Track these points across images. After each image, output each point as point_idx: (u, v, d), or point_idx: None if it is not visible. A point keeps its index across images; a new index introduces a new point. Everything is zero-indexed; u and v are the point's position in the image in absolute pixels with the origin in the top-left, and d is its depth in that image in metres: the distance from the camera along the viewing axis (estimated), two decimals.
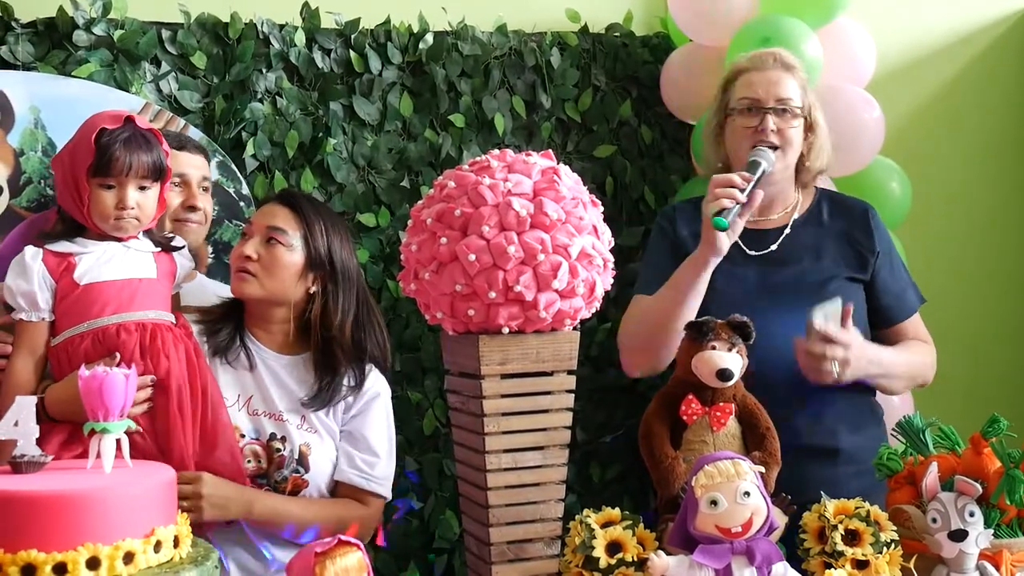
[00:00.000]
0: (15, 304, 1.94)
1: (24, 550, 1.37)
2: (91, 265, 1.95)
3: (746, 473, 1.66)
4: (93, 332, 1.92)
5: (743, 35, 2.84)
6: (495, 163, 1.82)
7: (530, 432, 1.82)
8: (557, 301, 1.77)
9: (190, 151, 2.29)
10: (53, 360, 1.96)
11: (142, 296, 1.97)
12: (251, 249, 2.08)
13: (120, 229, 1.97)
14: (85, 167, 1.91)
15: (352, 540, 1.47)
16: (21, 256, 1.95)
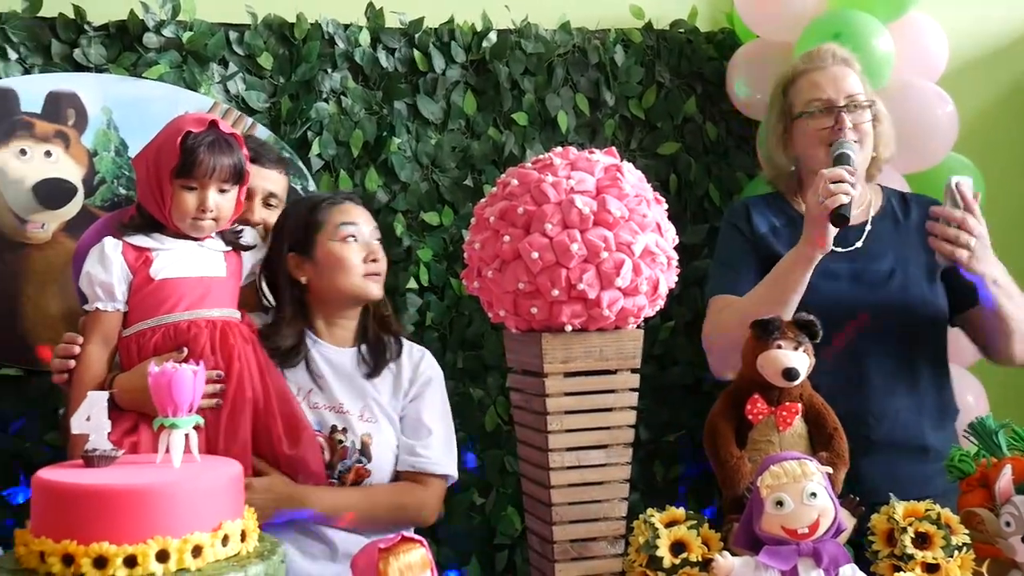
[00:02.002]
0: (91, 293, 1.98)
1: (96, 542, 1.39)
2: (167, 261, 1.99)
3: (813, 474, 1.64)
4: (164, 327, 1.96)
5: (812, 31, 2.80)
6: (558, 161, 1.81)
7: (593, 430, 1.81)
8: (620, 299, 1.76)
9: (263, 164, 2.30)
10: (123, 351, 2.00)
11: (213, 294, 2.01)
12: (380, 253, 2.17)
13: (198, 230, 2.01)
14: (169, 168, 1.95)
15: (415, 537, 1.48)
16: (101, 246, 1.99)
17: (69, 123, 2.54)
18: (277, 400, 2.01)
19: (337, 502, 2.07)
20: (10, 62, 2.49)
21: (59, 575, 1.40)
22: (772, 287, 2.21)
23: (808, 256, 2.14)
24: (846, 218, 2.07)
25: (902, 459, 2.17)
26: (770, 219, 2.39)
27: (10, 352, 2.47)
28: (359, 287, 2.14)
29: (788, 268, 2.18)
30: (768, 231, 2.36)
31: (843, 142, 2.23)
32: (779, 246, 2.33)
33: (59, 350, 2.03)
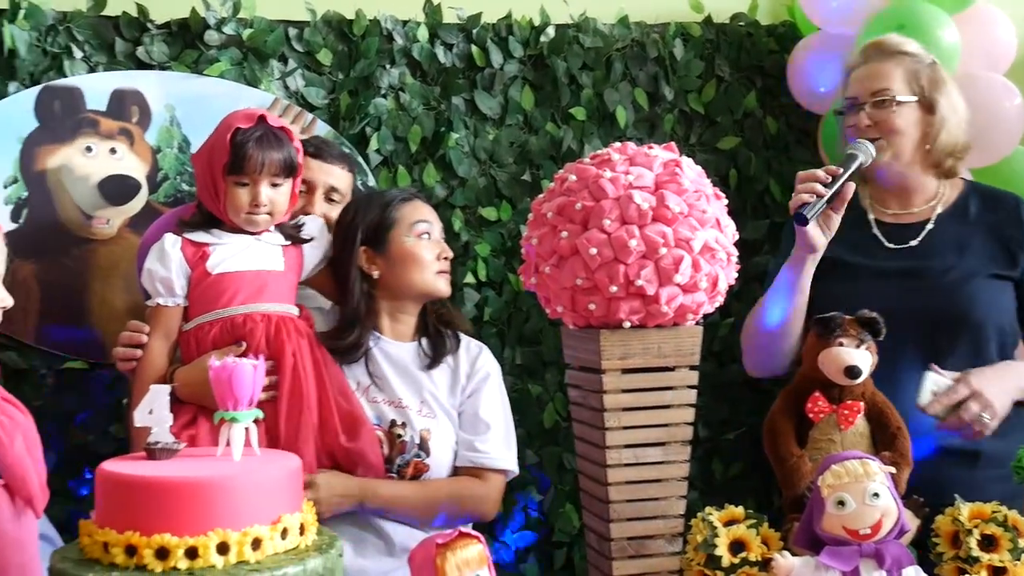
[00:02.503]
0: (152, 289, 2.02)
1: (158, 534, 1.41)
2: (224, 256, 2.02)
3: (875, 473, 1.61)
4: (222, 320, 1.99)
5: (875, 23, 2.75)
6: (616, 156, 1.81)
7: (651, 428, 1.80)
8: (679, 295, 1.75)
9: (325, 159, 2.31)
10: (183, 344, 2.03)
11: (270, 288, 2.03)
12: (449, 251, 2.21)
13: (252, 224, 2.03)
14: (221, 165, 1.98)
15: (473, 532, 1.48)
16: (161, 242, 2.02)
17: (133, 120, 2.58)
18: (335, 394, 2.03)
19: (397, 495, 2.08)
20: (76, 60, 2.54)
21: (122, 565, 1.42)
22: (772, 289, 2.23)
23: (797, 258, 2.15)
24: (805, 219, 2.04)
25: (950, 464, 2.12)
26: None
27: (76, 345, 2.52)
28: (431, 283, 2.17)
29: (784, 271, 2.19)
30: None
31: (859, 143, 2.21)
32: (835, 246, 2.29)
33: (124, 339, 2.06)
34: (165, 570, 1.40)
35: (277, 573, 1.43)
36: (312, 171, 2.26)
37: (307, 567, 1.47)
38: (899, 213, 2.31)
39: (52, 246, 2.51)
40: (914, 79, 2.27)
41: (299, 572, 1.45)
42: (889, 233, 2.29)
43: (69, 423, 2.51)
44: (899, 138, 2.25)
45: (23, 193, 2.49)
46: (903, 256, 2.28)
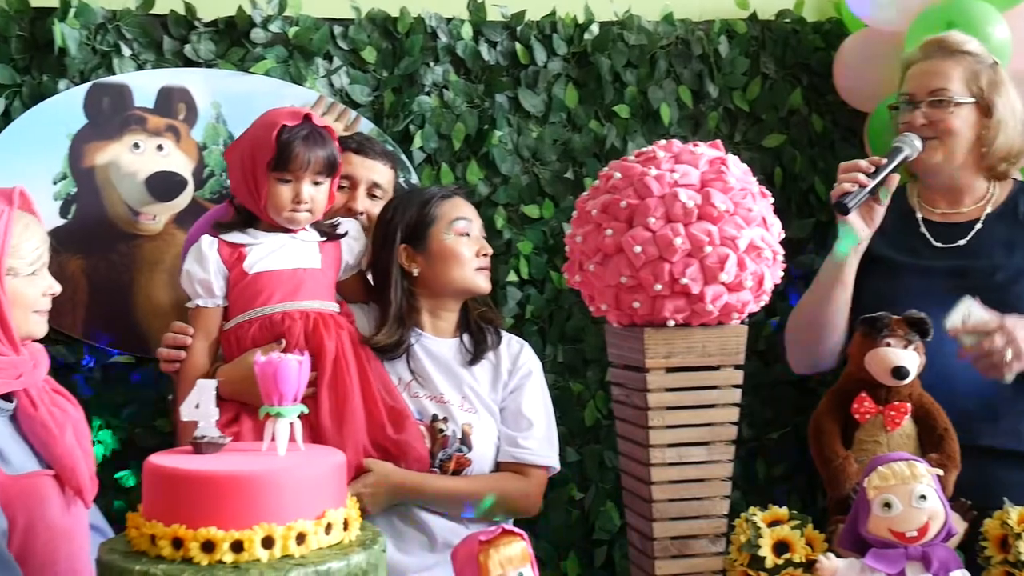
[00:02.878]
0: (192, 291, 2.05)
1: (204, 527, 1.43)
2: (260, 255, 2.04)
3: (922, 476, 1.60)
4: (260, 319, 2.01)
5: (923, 19, 2.72)
6: (661, 154, 1.80)
7: (695, 427, 1.79)
8: (724, 294, 1.74)
9: (368, 155, 2.33)
10: (224, 343, 2.06)
11: (307, 286, 2.05)
12: (488, 248, 2.22)
13: (293, 222, 2.05)
14: (265, 162, 1.99)
15: (516, 530, 1.48)
16: (198, 245, 2.05)
17: (180, 117, 2.60)
18: (378, 388, 2.04)
19: (444, 489, 2.09)
20: (124, 58, 2.56)
21: (169, 558, 1.43)
22: (815, 284, 2.22)
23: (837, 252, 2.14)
24: (847, 208, 2.05)
25: (998, 466, 2.09)
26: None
27: (123, 340, 2.54)
28: (470, 280, 2.18)
29: (826, 265, 2.19)
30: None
31: (905, 136, 2.20)
32: (883, 243, 2.29)
33: (168, 340, 2.09)
34: (211, 563, 1.41)
35: (321, 568, 1.44)
36: (355, 167, 2.27)
37: (351, 562, 1.47)
38: (948, 212, 2.29)
39: (100, 242, 2.54)
40: (973, 80, 2.24)
41: (343, 567, 1.46)
42: (937, 232, 2.27)
43: (115, 416, 2.54)
44: (954, 139, 2.22)
45: (72, 189, 2.52)
46: (951, 255, 2.25)
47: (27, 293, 1.85)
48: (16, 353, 1.84)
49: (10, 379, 1.82)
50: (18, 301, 1.83)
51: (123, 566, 1.44)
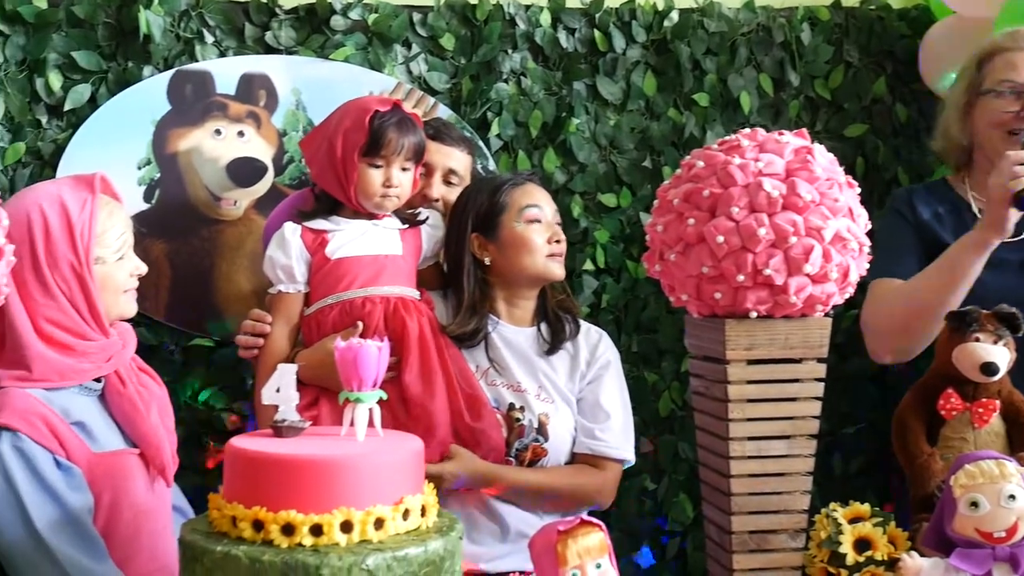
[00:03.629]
0: (274, 276, 2.07)
1: (284, 510, 1.44)
2: (343, 241, 2.06)
3: (1012, 475, 1.56)
4: (341, 304, 2.03)
5: (1013, 6, 2.64)
6: (745, 142, 1.77)
7: (776, 420, 1.77)
8: (808, 286, 1.71)
9: (445, 141, 2.33)
10: (305, 328, 2.08)
11: (388, 272, 2.07)
12: (562, 234, 2.19)
13: (382, 207, 2.07)
14: (356, 147, 2.01)
15: (594, 520, 1.47)
16: (281, 231, 2.07)
17: (261, 104, 2.63)
18: (456, 376, 2.04)
19: (521, 480, 2.09)
20: (207, 45, 2.59)
21: (250, 540, 1.45)
22: (942, 271, 2.15)
23: (984, 241, 2.08)
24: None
25: None
26: (934, 206, 2.35)
27: (202, 323, 2.58)
28: (542, 268, 2.16)
29: (961, 252, 2.12)
30: (931, 218, 2.32)
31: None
32: (942, 233, 2.28)
33: (247, 327, 2.11)
34: (290, 546, 1.42)
35: (399, 553, 1.44)
36: (431, 153, 2.27)
37: (428, 548, 1.47)
38: None
39: (182, 226, 2.58)
40: None
41: (420, 553, 1.46)
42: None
43: (195, 399, 2.58)
44: None
45: (155, 174, 2.56)
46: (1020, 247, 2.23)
47: (116, 277, 1.89)
48: (106, 336, 1.88)
49: (101, 363, 1.86)
50: (108, 286, 1.87)
51: (205, 546, 1.45)
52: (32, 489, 1.74)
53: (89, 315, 1.84)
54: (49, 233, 1.81)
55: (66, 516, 1.75)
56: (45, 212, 1.82)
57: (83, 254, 1.82)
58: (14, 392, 1.79)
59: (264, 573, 1.40)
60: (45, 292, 1.81)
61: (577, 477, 2.15)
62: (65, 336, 1.83)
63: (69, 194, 1.85)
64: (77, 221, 1.83)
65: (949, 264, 2.14)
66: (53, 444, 1.78)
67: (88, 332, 1.85)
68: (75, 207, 1.84)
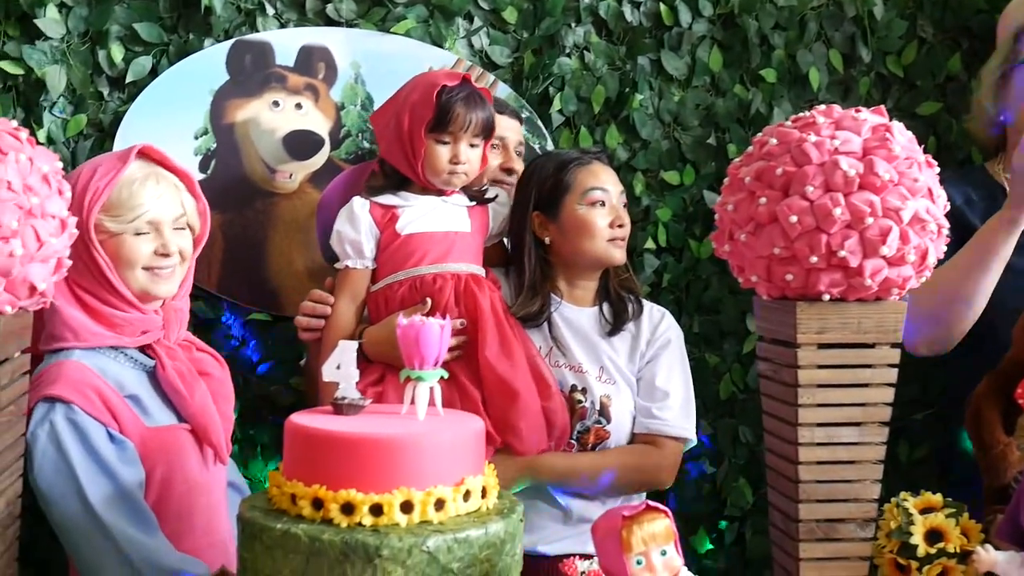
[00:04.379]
0: (341, 251, 2.05)
1: (344, 489, 1.42)
2: (412, 217, 2.03)
3: None
4: (411, 280, 2.01)
5: None
6: (821, 119, 1.71)
7: (847, 406, 1.72)
8: (884, 269, 1.65)
9: (507, 115, 2.31)
10: (371, 304, 2.06)
11: (457, 248, 2.04)
12: (626, 218, 2.14)
13: (449, 184, 2.04)
14: (423, 123, 1.98)
15: (660, 506, 1.43)
16: (350, 206, 2.05)
17: (319, 77, 2.60)
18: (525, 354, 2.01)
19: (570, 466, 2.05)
20: (268, 16, 2.57)
21: (309, 518, 1.44)
22: (973, 253, 2.11)
23: (1012, 219, 2.04)
24: None
25: None
26: (965, 191, 2.30)
27: (259, 297, 2.56)
28: (603, 252, 2.12)
29: (989, 234, 2.08)
30: (963, 203, 2.27)
31: None
32: (974, 218, 2.23)
33: (306, 308, 2.09)
34: (350, 525, 1.41)
35: (460, 535, 1.42)
36: (502, 128, 2.25)
37: (488, 530, 1.45)
38: None
39: (237, 198, 2.56)
40: None
41: (481, 535, 1.44)
42: None
43: (252, 373, 2.57)
44: None
45: (212, 145, 2.54)
46: None
47: (132, 251, 1.86)
48: (138, 311, 1.86)
49: (134, 335, 1.85)
50: (119, 257, 1.85)
51: (264, 524, 1.44)
52: (85, 462, 1.74)
53: (104, 281, 1.84)
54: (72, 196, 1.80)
55: (119, 490, 1.75)
56: (81, 176, 1.84)
57: (84, 219, 1.81)
58: (68, 363, 1.78)
59: (323, 552, 1.39)
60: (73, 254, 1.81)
61: (636, 458, 2.10)
62: (93, 300, 1.84)
63: (106, 163, 1.86)
64: (91, 187, 1.82)
65: (978, 247, 2.10)
66: (106, 417, 1.78)
67: (109, 298, 1.84)
68: (99, 173, 1.83)
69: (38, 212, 1.50)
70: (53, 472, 1.74)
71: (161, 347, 1.89)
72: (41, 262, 1.52)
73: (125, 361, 1.86)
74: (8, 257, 1.45)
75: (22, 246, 1.46)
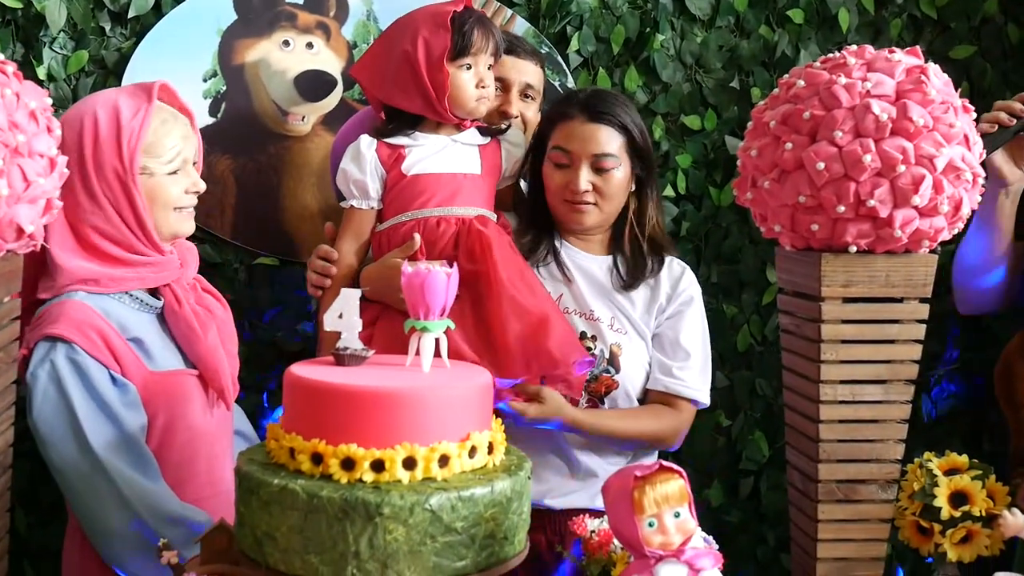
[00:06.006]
0: (347, 191, 2.00)
1: (344, 443, 1.37)
2: (420, 157, 1.98)
3: None
4: (415, 222, 1.96)
5: None
6: (852, 60, 1.63)
7: (872, 363, 1.67)
8: (916, 219, 1.58)
9: (519, 56, 2.22)
10: (375, 244, 2.02)
11: (465, 191, 1.98)
12: (585, 183, 2.00)
13: (476, 112, 2.00)
14: (444, 52, 1.92)
15: (674, 467, 1.37)
16: (356, 144, 1.99)
17: (330, 15, 2.53)
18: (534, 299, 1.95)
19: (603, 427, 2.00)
20: None
21: (308, 473, 1.39)
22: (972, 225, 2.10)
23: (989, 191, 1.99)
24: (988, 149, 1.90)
25: None
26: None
27: (268, 242, 2.52)
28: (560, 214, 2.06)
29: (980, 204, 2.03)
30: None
31: None
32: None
33: (317, 266, 2.03)
34: (350, 481, 1.36)
35: (464, 493, 1.37)
36: (506, 69, 2.16)
37: (494, 488, 1.40)
38: None
39: (248, 142, 2.50)
40: None
41: (486, 493, 1.39)
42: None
43: (259, 319, 2.53)
44: None
45: (221, 87, 2.48)
46: None
47: (167, 191, 1.81)
48: (159, 253, 1.82)
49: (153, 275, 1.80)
50: (157, 199, 1.80)
51: (261, 478, 1.40)
52: (86, 403, 1.70)
53: (137, 227, 1.78)
54: (98, 139, 1.74)
55: (120, 433, 1.71)
56: (97, 118, 1.76)
57: (127, 162, 1.75)
58: (71, 303, 1.73)
59: (322, 509, 1.35)
60: (91, 199, 1.75)
61: (655, 419, 2.05)
62: (113, 247, 1.77)
63: (125, 101, 1.79)
64: (126, 128, 1.76)
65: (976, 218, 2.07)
66: (109, 359, 1.73)
67: (136, 244, 1.78)
68: (127, 113, 1.77)
69: (24, 150, 1.44)
70: (53, 414, 1.70)
71: (179, 286, 1.84)
72: (29, 203, 1.47)
73: (131, 302, 1.81)
74: None
75: (8, 186, 1.41)
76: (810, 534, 1.69)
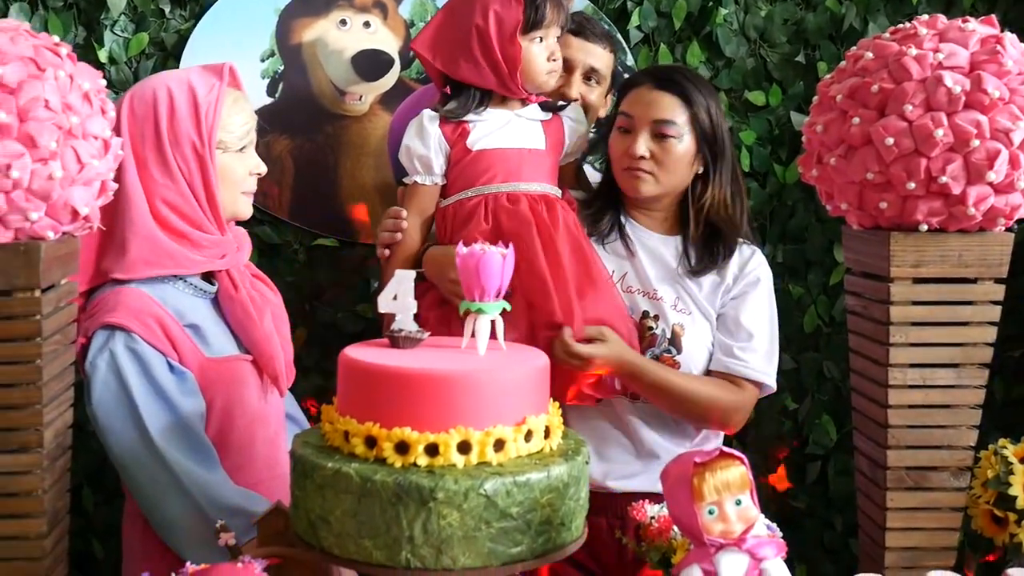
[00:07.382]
0: (410, 166, 1.98)
1: (399, 427, 1.35)
2: (485, 132, 1.96)
3: None
4: (482, 197, 1.94)
5: None
6: (923, 30, 1.57)
7: (944, 346, 1.61)
8: (991, 196, 1.52)
9: (587, 38, 2.19)
10: (439, 220, 2.00)
11: (530, 167, 1.96)
12: (643, 148, 1.96)
13: (547, 85, 1.99)
14: (516, 26, 1.90)
15: (735, 453, 1.33)
16: (420, 119, 1.97)
17: None
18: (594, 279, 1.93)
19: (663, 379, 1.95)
20: None
21: (362, 456, 1.37)
22: None
23: None
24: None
25: None
26: None
27: (327, 223, 2.52)
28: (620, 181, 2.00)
29: None
30: None
31: None
32: None
33: (387, 225, 2.02)
34: (404, 465, 1.34)
35: (520, 479, 1.35)
36: (572, 49, 2.13)
37: (551, 474, 1.38)
38: None
39: (306, 122, 2.50)
40: None
41: (543, 478, 1.37)
42: None
43: (318, 300, 2.53)
44: None
45: (279, 67, 2.48)
46: None
47: (235, 170, 1.82)
48: (222, 233, 1.81)
49: (214, 258, 1.80)
50: (226, 177, 1.81)
51: (316, 462, 1.38)
52: (145, 392, 1.70)
53: (207, 203, 1.78)
54: (174, 110, 1.74)
55: (178, 421, 1.71)
56: (172, 91, 1.77)
57: (206, 134, 1.76)
58: (129, 291, 1.74)
59: (376, 493, 1.33)
60: (165, 171, 1.75)
61: (718, 390, 1.99)
62: (180, 223, 1.77)
63: (197, 78, 1.80)
64: (203, 101, 1.77)
65: None
66: (166, 347, 1.73)
67: (204, 223, 1.79)
68: (203, 90, 1.77)
69: (79, 132, 1.44)
70: (113, 403, 1.70)
71: (235, 270, 1.84)
72: (83, 185, 1.46)
73: (185, 288, 1.81)
74: (47, 180, 1.39)
75: (62, 168, 1.40)
76: (878, 522, 1.64)
